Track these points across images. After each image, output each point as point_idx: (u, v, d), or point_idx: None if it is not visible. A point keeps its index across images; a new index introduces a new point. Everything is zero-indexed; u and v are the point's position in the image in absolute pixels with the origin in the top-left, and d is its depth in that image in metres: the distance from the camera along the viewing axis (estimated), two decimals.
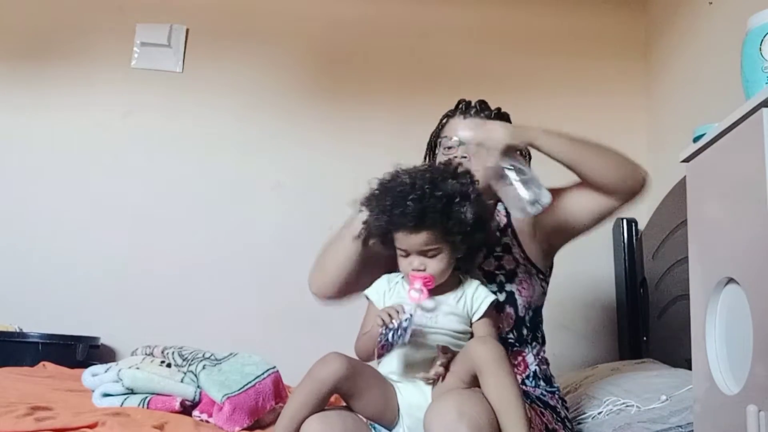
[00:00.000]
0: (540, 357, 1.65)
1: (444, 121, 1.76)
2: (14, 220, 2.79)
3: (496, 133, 1.50)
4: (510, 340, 1.59)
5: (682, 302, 2.10)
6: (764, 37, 1.29)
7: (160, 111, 2.92)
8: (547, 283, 1.71)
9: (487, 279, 1.60)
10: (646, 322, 2.49)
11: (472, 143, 1.56)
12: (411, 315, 1.35)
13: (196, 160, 2.88)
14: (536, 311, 1.66)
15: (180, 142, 2.90)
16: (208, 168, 2.88)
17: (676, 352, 2.12)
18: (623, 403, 1.74)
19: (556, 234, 1.67)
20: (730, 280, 1.22)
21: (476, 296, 1.47)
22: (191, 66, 2.95)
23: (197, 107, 2.92)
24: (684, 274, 1.43)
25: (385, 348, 1.37)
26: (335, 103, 2.93)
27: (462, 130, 1.65)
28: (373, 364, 1.46)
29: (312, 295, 1.68)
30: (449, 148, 1.67)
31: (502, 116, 1.72)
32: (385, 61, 2.98)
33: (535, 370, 1.62)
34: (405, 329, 1.33)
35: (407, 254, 1.43)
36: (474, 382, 1.32)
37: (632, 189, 1.59)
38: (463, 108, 1.73)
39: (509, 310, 1.60)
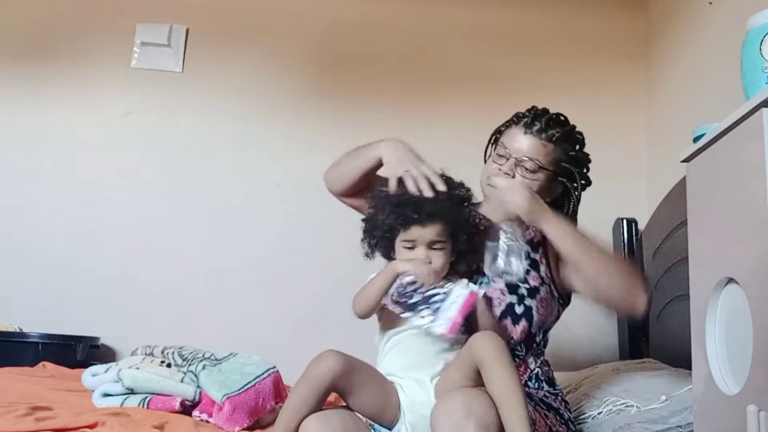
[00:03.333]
0: (541, 359, 1.65)
1: (507, 124, 1.71)
2: (14, 219, 2.79)
3: (518, 200, 1.53)
4: (517, 353, 1.59)
5: (682, 302, 2.09)
6: (764, 37, 1.29)
7: (160, 111, 2.92)
8: (562, 308, 1.70)
9: (509, 290, 1.60)
10: (646, 322, 2.49)
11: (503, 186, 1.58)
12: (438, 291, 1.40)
13: (196, 159, 2.88)
14: (546, 332, 1.67)
15: (180, 142, 2.90)
16: (208, 168, 2.88)
17: (676, 352, 2.11)
18: (623, 403, 1.73)
19: (567, 280, 1.67)
20: (730, 280, 1.22)
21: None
22: (191, 66, 2.94)
23: (197, 107, 2.92)
24: (684, 274, 1.43)
25: (401, 304, 1.39)
26: (335, 102, 2.93)
27: (498, 177, 1.62)
28: (372, 362, 1.46)
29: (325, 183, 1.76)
30: (500, 155, 1.66)
31: (571, 135, 1.69)
32: (385, 60, 2.98)
33: (537, 372, 1.62)
34: (425, 299, 1.37)
35: (413, 246, 1.46)
36: (477, 377, 1.32)
37: (628, 310, 1.62)
38: (528, 122, 1.66)
39: (524, 323, 1.59)
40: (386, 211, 1.48)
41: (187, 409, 1.68)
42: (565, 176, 1.67)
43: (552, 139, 1.64)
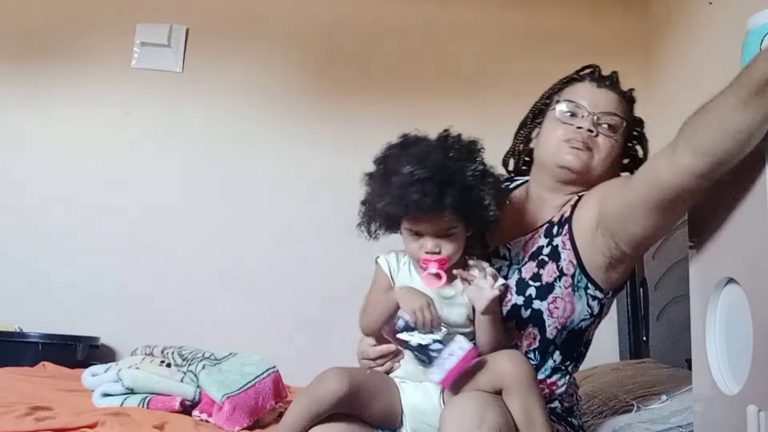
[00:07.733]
0: (566, 388, 1.45)
1: (564, 84, 1.50)
2: (14, 219, 2.79)
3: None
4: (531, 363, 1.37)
5: (682, 302, 2.09)
6: (764, 37, 1.29)
7: (160, 111, 2.92)
8: (602, 301, 1.43)
9: (517, 289, 1.42)
10: (646, 322, 2.49)
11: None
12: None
13: (195, 159, 2.88)
14: (575, 334, 1.44)
15: (180, 141, 2.90)
16: (207, 168, 2.88)
17: (676, 352, 2.12)
18: (623, 403, 1.74)
19: (620, 223, 1.34)
20: (730, 280, 1.22)
21: None
22: (191, 66, 2.95)
23: (197, 107, 2.92)
24: (684, 274, 1.43)
25: (399, 342, 1.31)
26: (335, 102, 2.93)
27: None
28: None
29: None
30: (571, 114, 1.43)
31: (632, 97, 1.52)
32: (385, 60, 2.98)
33: (557, 406, 1.43)
34: (422, 346, 1.27)
35: (419, 235, 1.30)
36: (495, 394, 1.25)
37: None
38: (597, 76, 1.47)
39: (532, 329, 1.41)
40: (385, 196, 1.29)
41: (187, 409, 1.68)
42: (635, 139, 1.49)
43: (626, 96, 1.47)
